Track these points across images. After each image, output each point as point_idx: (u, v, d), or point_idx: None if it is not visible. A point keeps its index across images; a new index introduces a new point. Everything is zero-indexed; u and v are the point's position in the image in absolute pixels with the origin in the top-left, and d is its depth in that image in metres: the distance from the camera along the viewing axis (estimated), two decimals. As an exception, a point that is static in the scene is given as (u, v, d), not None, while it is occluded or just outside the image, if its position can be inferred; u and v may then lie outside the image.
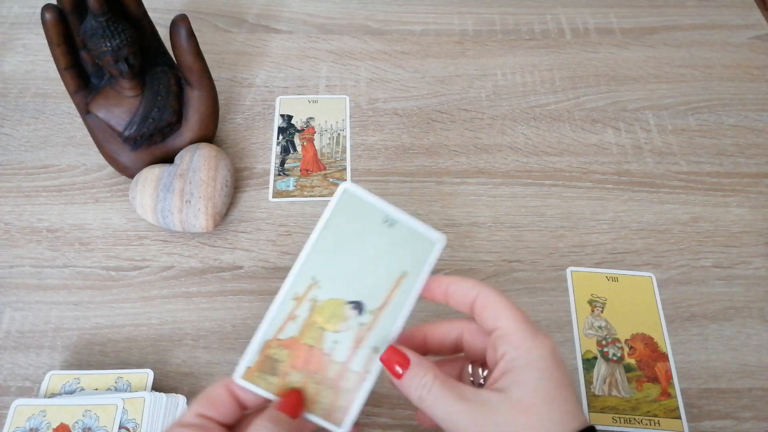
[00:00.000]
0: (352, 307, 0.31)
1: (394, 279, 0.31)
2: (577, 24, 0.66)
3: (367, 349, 0.30)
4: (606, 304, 0.45)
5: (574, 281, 0.46)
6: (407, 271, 0.31)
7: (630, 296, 0.46)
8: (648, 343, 0.44)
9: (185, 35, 0.46)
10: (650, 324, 0.44)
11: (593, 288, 0.46)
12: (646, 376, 0.42)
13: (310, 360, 0.30)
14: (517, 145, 0.55)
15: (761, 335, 0.45)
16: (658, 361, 0.43)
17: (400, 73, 0.61)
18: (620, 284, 0.46)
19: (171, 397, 0.40)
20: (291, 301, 0.31)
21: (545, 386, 0.28)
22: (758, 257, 0.49)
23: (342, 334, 0.30)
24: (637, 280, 0.46)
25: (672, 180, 0.53)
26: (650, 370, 0.43)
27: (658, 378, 0.42)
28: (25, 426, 0.38)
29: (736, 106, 0.59)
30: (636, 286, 0.46)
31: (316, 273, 0.31)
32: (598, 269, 0.47)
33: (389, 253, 0.31)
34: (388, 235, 0.31)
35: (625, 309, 0.45)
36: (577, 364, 0.43)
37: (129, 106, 0.48)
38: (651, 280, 0.47)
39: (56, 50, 0.44)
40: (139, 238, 0.49)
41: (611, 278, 0.46)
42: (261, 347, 0.30)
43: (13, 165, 0.53)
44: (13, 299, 0.46)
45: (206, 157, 0.49)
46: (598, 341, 0.43)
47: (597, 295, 0.46)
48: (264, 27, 0.65)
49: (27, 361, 0.43)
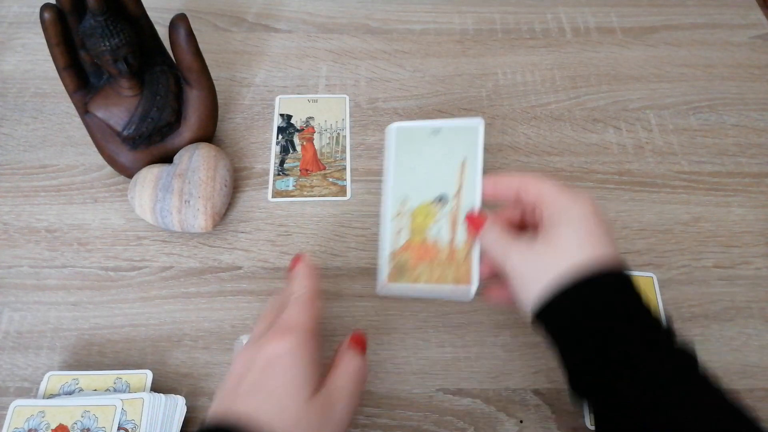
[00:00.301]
0: (437, 202, 0.39)
1: (458, 167, 0.39)
2: (578, 23, 0.65)
3: (463, 225, 0.38)
4: None
5: None
6: (466, 157, 0.39)
7: None
8: None
9: (184, 34, 0.46)
10: None
11: None
12: None
13: (426, 251, 0.38)
14: (518, 145, 0.55)
15: (763, 336, 0.45)
16: None
17: (400, 72, 0.61)
18: None
19: (170, 397, 0.40)
20: (393, 221, 0.39)
21: (578, 235, 0.34)
22: (760, 257, 0.49)
23: (439, 223, 0.38)
24: (639, 280, 0.46)
25: (673, 180, 0.53)
26: None
27: None
28: (24, 427, 0.38)
29: (738, 105, 0.58)
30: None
31: (402, 193, 0.39)
32: None
33: (445, 151, 0.39)
34: (439, 140, 0.39)
35: None
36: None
37: (128, 105, 0.47)
38: (652, 280, 0.47)
39: (55, 50, 0.44)
40: (138, 239, 0.49)
41: None
42: (389, 260, 0.39)
43: (11, 165, 0.53)
44: (11, 299, 0.46)
45: (205, 156, 0.48)
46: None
47: None
48: (263, 26, 0.65)
49: (26, 362, 0.43)
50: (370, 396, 0.42)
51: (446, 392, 0.42)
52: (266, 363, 0.32)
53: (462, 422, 0.41)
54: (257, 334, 0.34)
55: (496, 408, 0.41)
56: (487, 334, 0.44)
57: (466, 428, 0.41)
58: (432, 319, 0.45)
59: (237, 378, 0.32)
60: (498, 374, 0.42)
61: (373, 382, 0.42)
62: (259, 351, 0.32)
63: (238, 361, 0.33)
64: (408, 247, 0.39)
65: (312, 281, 0.36)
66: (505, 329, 0.44)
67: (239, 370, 0.32)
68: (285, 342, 0.32)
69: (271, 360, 0.32)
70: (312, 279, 0.36)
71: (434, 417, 0.41)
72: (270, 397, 0.31)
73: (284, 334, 0.32)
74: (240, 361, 0.33)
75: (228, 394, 0.32)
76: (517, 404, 0.41)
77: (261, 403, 0.31)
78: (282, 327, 0.33)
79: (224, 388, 0.33)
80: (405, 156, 0.40)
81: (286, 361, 0.32)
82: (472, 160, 0.38)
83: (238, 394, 0.31)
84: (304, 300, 0.35)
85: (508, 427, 0.41)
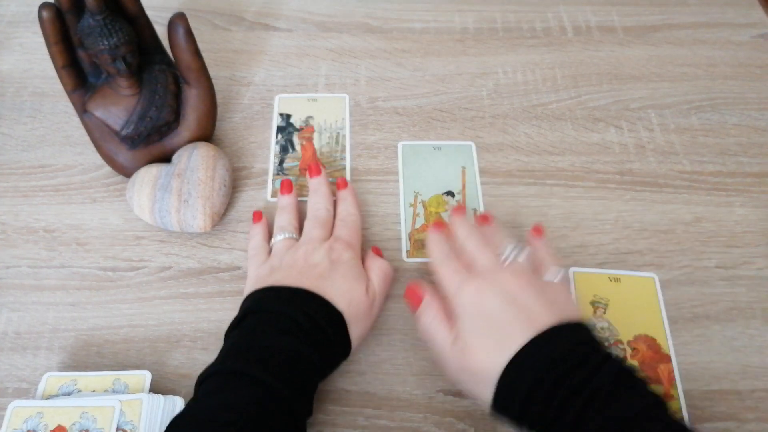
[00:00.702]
0: (446, 195, 0.51)
1: (460, 171, 0.52)
2: (579, 22, 0.65)
3: (469, 211, 0.50)
4: (608, 305, 0.45)
5: (577, 282, 0.46)
6: (465, 165, 0.52)
7: (632, 297, 0.45)
8: (650, 344, 0.43)
9: (183, 33, 0.45)
10: (653, 325, 0.44)
11: (595, 289, 0.45)
12: (648, 378, 0.42)
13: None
14: (519, 144, 0.55)
15: (764, 336, 0.45)
16: (660, 363, 0.43)
17: (401, 71, 0.60)
18: (622, 285, 0.46)
19: (169, 398, 0.40)
20: (409, 208, 0.50)
21: (474, 328, 0.37)
22: (761, 257, 0.48)
23: (450, 210, 0.48)
24: (640, 280, 0.46)
25: (675, 180, 0.53)
26: (653, 371, 0.42)
27: (661, 380, 0.42)
28: (22, 428, 0.38)
29: (739, 105, 0.58)
30: (638, 287, 0.46)
31: (414, 188, 0.51)
32: (601, 270, 0.47)
33: (447, 161, 0.53)
34: (441, 154, 0.53)
35: (627, 310, 0.45)
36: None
37: (126, 104, 0.47)
38: (654, 280, 0.46)
39: (53, 49, 0.44)
40: (137, 239, 0.49)
41: (613, 279, 0.46)
42: (408, 237, 0.48)
43: (9, 164, 0.53)
44: (9, 300, 0.45)
45: (204, 156, 0.48)
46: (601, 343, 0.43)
47: (599, 296, 0.45)
48: (263, 25, 0.64)
49: (24, 363, 0.43)
50: (370, 397, 0.42)
51: (446, 393, 0.42)
52: (333, 262, 0.41)
53: (462, 423, 0.41)
54: (310, 238, 0.44)
55: (496, 409, 0.41)
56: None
57: (467, 429, 0.40)
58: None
59: (300, 267, 0.41)
60: (498, 375, 0.42)
61: (372, 383, 0.42)
62: (329, 252, 0.42)
63: (299, 253, 0.42)
64: (424, 229, 0.48)
65: (359, 211, 0.47)
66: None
67: (300, 262, 0.41)
68: (349, 252, 0.43)
69: (337, 260, 0.42)
70: (358, 208, 0.47)
71: (434, 418, 0.41)
72: (335, 283, 0.40)
73: (346, 247, 0.43)
74: (299, 255, 0.42)
75: (291, 274, 0.40)
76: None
77: (329, 286, 0.40)
78: (344, 241, 0.44)
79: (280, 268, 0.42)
80: (411, 162, 0.52)
81: (351, 265, 0.42)
82: (470, 168, 0.52)
83: (307, 277, 0.40)
84: (356, 227, 0.46)
85: (507, 428, 0.40)
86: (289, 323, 0.37)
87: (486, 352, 0.35)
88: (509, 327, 0.35)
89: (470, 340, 0.36)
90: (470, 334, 0.36)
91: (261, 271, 0.43)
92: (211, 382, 0.36)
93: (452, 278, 0.39)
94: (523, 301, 0.36)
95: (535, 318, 0.35)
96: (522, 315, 0.35)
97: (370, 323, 0.42)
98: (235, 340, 0.38)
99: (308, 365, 0.37)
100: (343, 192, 0.48)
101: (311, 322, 0.38)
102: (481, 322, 0.36)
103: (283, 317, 0.38)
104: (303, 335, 0.37)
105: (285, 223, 0.46)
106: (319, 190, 0.47)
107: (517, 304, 0.36)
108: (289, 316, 0.38)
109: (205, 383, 0.36)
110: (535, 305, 0.36)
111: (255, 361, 0.36)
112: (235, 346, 0.37)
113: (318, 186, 0.48)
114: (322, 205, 0.46)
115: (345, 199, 0.47)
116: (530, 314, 0.35)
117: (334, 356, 0.39)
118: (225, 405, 0.34)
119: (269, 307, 0.39)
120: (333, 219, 0.46)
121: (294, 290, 0.39)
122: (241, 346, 0.37)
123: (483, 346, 0.35)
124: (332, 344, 0.38)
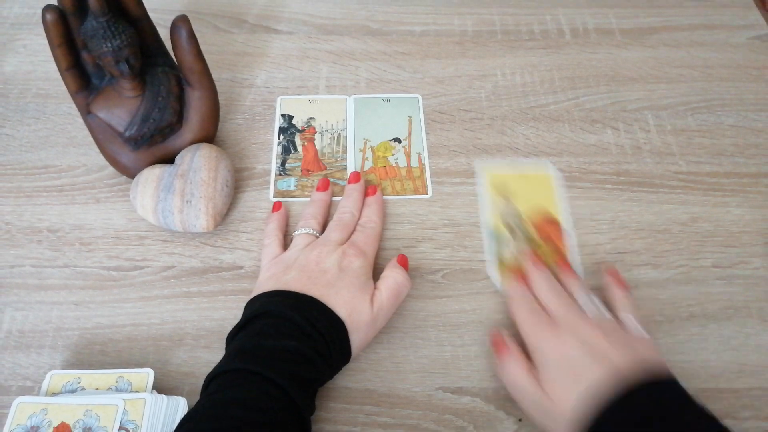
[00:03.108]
0: (393, 141, 0.55)
1: (407, 120, 0.56)
2: (577, 24, 0.66)
3: (414, 155, 0.54)
4: (513, 194, 0.52)
5: (486, 176, 0.53)
6: (411, 115, 0.57)
7: (534, 188, 0.53)
8: (547, 217, 0.51)
9: (186, 36, 0.46)
10: (550, 205, 0.52)
11: (504, 184, 0.53)
12: (543, 239, 0.50)
13: (388, 172, 0.53)
14: (517, 146, 0.55)
15: (761, 335, 0.45)
16: (553, 229, 0.50)
17: (400, 73, 0.61)
18: (526, 179, 0.53)
19: (172, 399, 0.40)
20: (359, 153, 0.54)
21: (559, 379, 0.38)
22: (757, 257, 0.49)
23: (397, 154, 0.54)
24: (540, 176, 0.54)
25: (671, 180, 0.53)
26: (546, 234, 0.50)
27: (552, 239, 0.50)
28: (27, 424, 0.38)
29: (736, 106, 0.59)
30: (539, 181, 0.53)
31: (364, 135, 0.55)
32: (507, 169, 0.54)
33: (395, 112, 0.57)
34: (390, 105, 0.58)
35: (529, 196, 0.52)
36: (482, 237, 0.50)
37: (130, 106, 0.48)
38: (551, 177, 0.53)
39: (57, 51, 0.44)
40: (140, 238, 0.49)
41: (519, 176, 0.53)
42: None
43: (13, 165, 0.53)
44: (13, 299, 0.46)
45: (207, 157, 0.49)
46: (506, 223, 0.50)
47: (506, 189, 0.52)
48: (264, 28, 0.65)
49: (28, 361, 0.43)
50: (369, 394, 0.42)
51: (446, 391, 0.42)
52: (342, 270, 0.42)
53: (461, 420, 0.41)
54: (328, 240, 0.45)
55: (495, 406, 0.42)
56: (486, 333, 0.45)
57: (466, 426, 0.41)
58: (431, 318, 0.45)
59: (311, 271, 0.42)
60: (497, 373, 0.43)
61: (372, 381, 0.43)
62: (341, 258, 0.43)
63: (312, 254, 0.43)
64: (374, 171, 0.53)
65: (381, 219, 0.48)
66: (504, 328, 0.44)
67: (312, 265, 0.42)
68: (360, 259, 0.43)
69: (346, 268, 0.42)
70: (381, 217, 0.48)
71: (434, 415, 0.41)
72: (339, 292, 0.41)
73: (358, 254, 0.43)
74: (312, 257, 0.43)
75: (301, 278, 0.41)
76: (516, 403, 0.41)
77: (333, 295, 0.41)
78: (358, 247, 0.44)
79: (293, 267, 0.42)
80: (362, 113, 0.57)
81: (358, 274, 0.42)
82: (417, 117, 0.57)
83: (315, 284, 0.41)
84: (375, 234, 0.46)
85: (507, 425, 0.41)
86: (293, 328, 0.38)
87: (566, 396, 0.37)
88: (584, 367, 0.37)
89: (556, 389, 0.38)
90: (555, 384, 0.38)
91: (276, 268, 0.44)
92: (219, 381, 0.36)
93: (534, 329, 0.41)
94: (600, 347, 0.38)
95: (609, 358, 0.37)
96: (596, 356, 0.37)
97: (372, 333, 0.42)
98: (241, 342, 0.39)
99: (310, 366, 0.38)
100: (369, 198, 0.49)
101: (313, 327, 0.38)
102: (564, 371, 0.38)
103: (287, 322, 0.39)
104: (306, 339, 0.38)
105: (309, 217, 0.47)
106: (352, 196, 0.49)
107: (595, 350, 0.38)
108: (292, 321, 0.38)
109: (213, 382, 0.37)
110: (610, 348, 0.38)
111: (262, 360, 0.36)
112: (241, 348, 0.38)
113: (351, 191, 0.49)
114: (348, 209, 0.48)
115: (369, 206, 0.49)
116: (604, 355, 0.37)
117: (333, 361, 0.40)
118: (235, 400, 0.35)
119: (275, 311, 0.39)
120: (356, 224, 0.47)
121: (300, 296, 0.40)
122: (247, 347, 0.38)
123: (565, 391, 0.37)
124: (332, 351, 0.39)
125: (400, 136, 0.55)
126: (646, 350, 0.39)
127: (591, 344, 0.38)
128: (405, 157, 0.54)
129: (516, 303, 0.44)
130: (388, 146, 0.54)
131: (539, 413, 0.39)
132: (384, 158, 0.53)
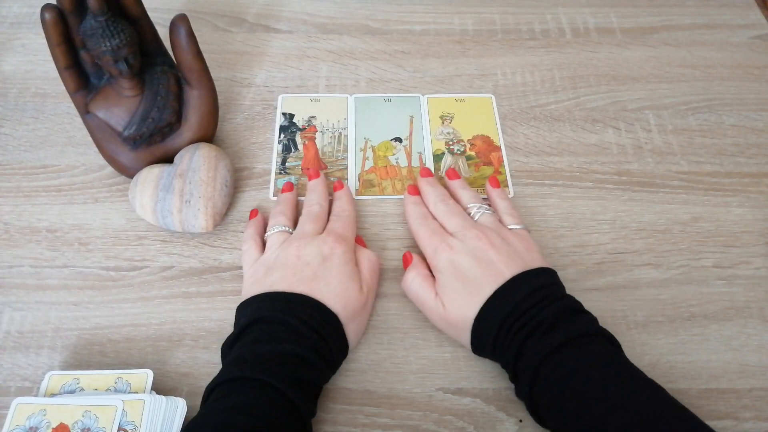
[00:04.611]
0: (394, 141, 0.55)
1: (408, 120, 0.56)
2: (578, 24, 0.66)
3: (415, 155, 0.54)
4: (454, 117, 0.57)
5: (429, 104, 0.57)
6: (413, 114, 0.57)
7: (473, 111, 0.57)
8: (485, 140, 0.55)
9: (185, 35, 0.46)
10: (488, 129, 0.56)
11: (444, 107, 0.57)
12: (482, 162, 0.54)
13: (389, 172, 0.53)
14: (518, 145, 0.55)
15: (762, 335, 0.45)
16: (492, 152, 0.54)
17: (400, 72, 0.61)
18: (466, 104, 0.58)
19: (171, 399, 0.40)
20: (359, 152, 0.54)
21: (450, 285, 0.41)
22: (759, 257, 0.49)
23: (397, 154, 0.54)
24: (480, 100, 0.58)
25: (672, 180, 0.53)
26: (486, 157, 0.54)
27: (492, 162, 0.53)
28: (26, 424, 0.38)
29: (737, 105, 0.59)
30: (479, 104, 0.57)
31: (365, 134, 0.55)
32: (447, 94, 0.58)
33: (397, 111, 0.57)
34: (391, 105, 0.57)
35: (468, 120, 0.56)
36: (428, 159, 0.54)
37: (129, 105, 0.48)
38: (491, 100, 0.57)
39: (56, 50, 0.44)
40: (139, 239, 0.49)
41: (459, 100, 0.58)
42: (358, 178, 0.52)
43: (12, 165, 0.53)
44: (12, 299, 0.46)
45: (206, 157, 0.49)
46: (446, 142, 0.55)
47: (446, 112, 0.57)
48: (264, 27, 0.65)
49: (26, 362, 0.43)
50: (369, 395, 0.42)
51: (446, 391, 0.42)
52: (325, 258, 0.41)
53: (461, 421, 0.41)
54: (303, 232, 0.44)
55: (495, 407, 0.42)
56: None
57: (466, 427, 0.41)
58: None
59: (292, 265, 0.41)
60: (497, 374, 0.43)
61: (372, 382, 0.43)
62: (321, 247, 0.42)
63: (291, 249, 0.42)
64: (374, 170, 0.53)
65: (354, 209, 0.48)
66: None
67: (293, 260, 0.41)
68: (342, 245, 0.42)
69: (330, 257, 0.42)
70: (354, 207, 0.48)
71: (434, 416, 0.41)
72: (329, 283, 0.40)
73: (339, 240, 0.43)
74: (291, 252, 0.42)
75: (285, 276, 0.41)
76: (517, 403, 0.41)
77: (323, 287, 0.40)
78: (337, 234, 0.43)
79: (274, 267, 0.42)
80: (363, 112, 0.56)
81: (344, 260, 0.42)
82: (418, 117, 0.56)
83: (300, 279, 0.40)
84: (351, 221, 0.46)
85: (507, 426, 0.41)
86: (288, 331, 0.38)
87: (460, 306, 0.40)
88: (478, 282, 0.40)
89: (448, 296, 0.41)
90: (447, 290, 0.41)
91: (256, 271, 0.43)
92: (219, 391, 0.36)
93: (429, 241, 0.43)
94: (489, 258, 0.41)
95: (500, 271, 0.40)
96: (489, 270, 0.40)
97: (366, 318, 0.43)
98: (238, 352, 0.38)
99: (310, 368, 0.38)
100: (338, 192, 0.49)
101: (308, 327, 0.38)
102: (455, 279, 0.41)
103: (281, 326, 0.38)
104: (303, 341, 0.38)
105: (278, 214, 0.47)
106: (316, 190, 0.48)
107: (485, 261, 0.40)
108: (286, 324, 0.38)
109: (213, 393, 0.37)
110: (500, 260, 0.40)
111: (260, 366, 0.36)
112: (238, 357, 0.38)
113: (314, 186, 0.49)
114: (315, 201, 0.47)
115: (340, 198, 0.48)
116: (496, 269, 0.40)
117: (333, 358, 0.40)
118: (237, 408, 0.34)
119: (267, 316, 0.39)
120: (328, 216, 0.47)
121: (290, 296, 0.40)
122: (245, 356, 0.37)
123: (458, 301, 0.40)
124: (330, 347, 0.39)
125: (401, 136, 0.55)
126: (534, 259, 0.41)
127: (480, 254, 0.41)
128: (406, 156, 0.54)
129: (409, 214, 0.46)
130: (389, 146, 0.54)
131: (441, 322, 0.42)
132: (385, 158, 0.53)
